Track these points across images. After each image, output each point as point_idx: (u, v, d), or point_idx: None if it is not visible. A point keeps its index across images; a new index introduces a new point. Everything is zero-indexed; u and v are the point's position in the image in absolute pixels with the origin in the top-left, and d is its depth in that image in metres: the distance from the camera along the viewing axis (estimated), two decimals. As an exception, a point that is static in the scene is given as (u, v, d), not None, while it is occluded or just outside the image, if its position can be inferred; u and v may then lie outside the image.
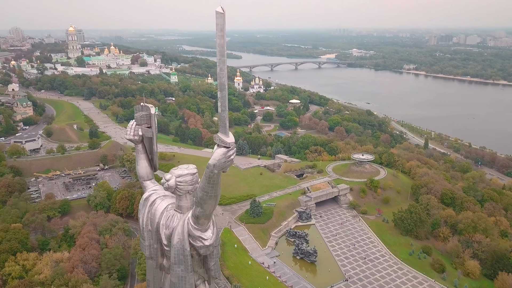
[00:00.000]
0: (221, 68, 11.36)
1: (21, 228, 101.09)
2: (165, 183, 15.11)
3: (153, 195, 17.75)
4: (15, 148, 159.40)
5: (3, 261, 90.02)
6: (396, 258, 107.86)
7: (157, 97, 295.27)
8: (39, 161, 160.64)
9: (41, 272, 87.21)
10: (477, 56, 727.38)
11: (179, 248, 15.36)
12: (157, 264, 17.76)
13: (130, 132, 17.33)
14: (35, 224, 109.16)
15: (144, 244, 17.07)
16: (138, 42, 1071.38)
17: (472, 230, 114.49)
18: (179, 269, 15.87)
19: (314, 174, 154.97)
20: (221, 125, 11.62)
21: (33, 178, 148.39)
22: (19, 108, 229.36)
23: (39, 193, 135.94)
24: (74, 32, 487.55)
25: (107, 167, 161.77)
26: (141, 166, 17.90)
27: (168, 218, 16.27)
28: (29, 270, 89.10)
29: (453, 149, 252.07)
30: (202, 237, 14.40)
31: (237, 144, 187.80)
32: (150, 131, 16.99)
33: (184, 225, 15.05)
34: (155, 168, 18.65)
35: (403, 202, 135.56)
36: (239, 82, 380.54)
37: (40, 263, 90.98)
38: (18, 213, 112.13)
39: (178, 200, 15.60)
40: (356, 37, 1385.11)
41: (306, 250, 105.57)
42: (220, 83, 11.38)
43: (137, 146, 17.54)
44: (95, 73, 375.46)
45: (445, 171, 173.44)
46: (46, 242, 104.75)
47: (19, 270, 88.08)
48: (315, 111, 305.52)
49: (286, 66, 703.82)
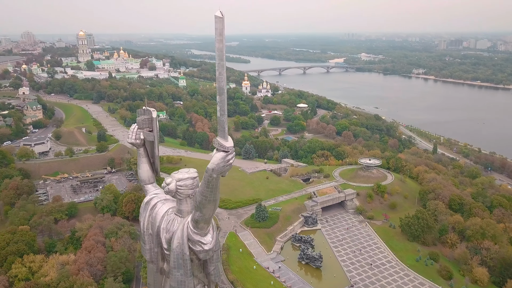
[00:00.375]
0: (220, 72, 11.36)
1: (28, 230, 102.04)
2: (166, 187, 15.14)
3: (154, 198, 17.78)
4: (24, 151, 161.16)
5: (10, 263, 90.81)
6: (402, 264, 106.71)
7: (165, 101, 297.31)
8: (47, 164, 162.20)
9: (47, 274, 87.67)
10: (488, 60, 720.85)
11: (178, 252, 15.34)
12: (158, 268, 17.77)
13: (132, 135, 17.43)
14: (42, 227, 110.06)
15: (145, 248, 17.10)
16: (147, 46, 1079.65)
17: (480, 236, 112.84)
18: (178, 273, 15.85)
19: (321, 178, 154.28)
20: (220, 129, 11.60)
21: (42, 180, 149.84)
22: (29, 111, 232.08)
23: (47, 195, 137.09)
24: (85, 37, 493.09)
25: (114, 170, 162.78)
26: (143, 169, 17.98)
27: (168, 222, 16.28)
28: (35, 272, 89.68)
29: (462, 154, 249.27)
30: (201, 241, 14.37)
31: (244, 148, 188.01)
32: (151, 134, 17.06)
33: (184, 229, 15.03)
34: (156, 172, 18.71)
35: (411, 207, 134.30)
36: (247, 86, 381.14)
37: (46, 265, 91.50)
38: (26, 215, 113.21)
39: (179, 204, 15.60)
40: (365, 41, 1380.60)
41: (312, 255, 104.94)
42: (219, 87, 11.37)
43: (139, 150, 17.64)
44: (104, 76, 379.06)
45: (453, 177, 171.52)
46: (53, 245, 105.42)
47: (26, 272, 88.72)
48: (322, 116, 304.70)
49: (294, 70, 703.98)
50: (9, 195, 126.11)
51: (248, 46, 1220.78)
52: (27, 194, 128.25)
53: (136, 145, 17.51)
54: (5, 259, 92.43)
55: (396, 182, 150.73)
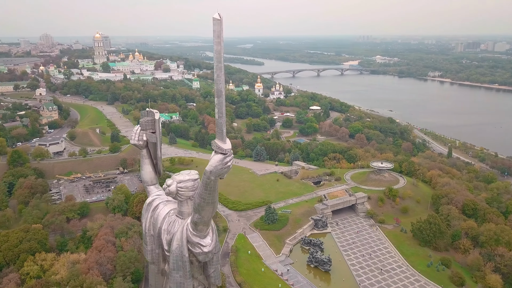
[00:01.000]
0: (218, 75, 11.30)
1: (41, 229, 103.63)
2: (166, 189, 15.18)
3: (156, 200, 17.88)
4: (39, 151, 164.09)
5: (23, 260, 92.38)
6: (413, 269, 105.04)
7: (179, 103, 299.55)
8: (61, 164, 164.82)
9: (57, 272, 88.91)
10: (506, 63, 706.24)
11: (177, 254, 15.36)
12: (159, 269, 17.84)
13: (134, 137, 17.58)
14: (55, 225, 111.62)
15: (147, 249, 17.18)
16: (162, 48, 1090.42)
17: (494, 242, 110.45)
18: (177, 275, 15.87)
19: (332, 181, 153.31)
20: (218, 131, 11.56)
21: (55, 180, 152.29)
22: (45, 112, 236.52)
23: (60, 195, 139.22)
24: (101, 39, 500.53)
25: (126, 170, 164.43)
26: (145, 171, 18.09)
27: (169, 224, 16.34)
28: (46, 270, 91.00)
29: (478, 158, 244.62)
30: (200, 243, 14.36)
31: (255, 150, 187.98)
32: (154, 136, 17.17)
33: (183, 231, 15.05)
34: (159, 173, 18.80)
35: (423, 212, 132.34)
36: (260, 89, 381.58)
37: (57, 264, 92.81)
38: (39, 214, 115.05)
39: (180, 206, 15.63)
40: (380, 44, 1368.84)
41: (321, 258, 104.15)
42: (217, 89, 11.32)
43: (141, 151, 17.77)
44: (119, 78, 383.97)
45: (468, 181, 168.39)
46: (64, 243, 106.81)
47: (37, 270, 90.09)
48: (335, 118, 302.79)
49: (308, 72, 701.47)
50: (24, 194, 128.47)
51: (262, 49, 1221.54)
52: (40, 193, 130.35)
53: (139, 147, 17.64)
54: (18, 256, 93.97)
55: (408, 186, 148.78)
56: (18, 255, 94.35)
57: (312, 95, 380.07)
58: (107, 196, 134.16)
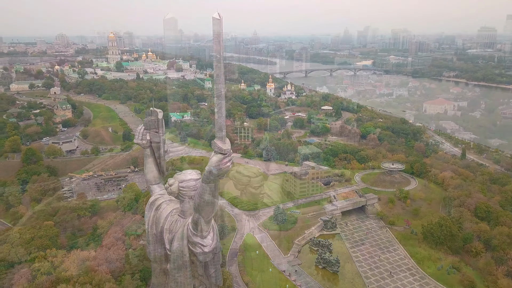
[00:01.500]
0: (218, 74, 11.34)
1: (52, 226, 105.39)
2: (168, 188, 15.24)
3: (159, 199, 17.95)
4: (52, 149, 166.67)
5: (34, 257, 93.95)
6: (423, 272, 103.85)
7: (190, 102, 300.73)
8: (74, 162, 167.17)
9: (68, 269, 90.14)
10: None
11: (178, 254, 15.39)
12: (161, 268, 17.85)
13: (138, 136, 17.67)
14: (66, 223, 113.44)
15: (149, 248, 17.24)
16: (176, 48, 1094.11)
17: (507, 246, 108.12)
18: (178, 274, 15.91)
19: (342, 182, 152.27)
20: (218, 132, 11.55)
21: (68, 178, 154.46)
22: (59, 111, 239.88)
23: (72, 192, 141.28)
24: (114, 38, 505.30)
25: (137, 169, 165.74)
26: (149, 170, 18.16)
27: (171, 223, 16.36)
28: (57, 267, 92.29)
29: (493, 160, 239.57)
30: (201, 243, 14.35)
31: (265, 150, 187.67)
32: (157, 135, 17.21)
33: (184, 230, 15.06)
34: (162, 172, 18.84)
35: (434, 214, 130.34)
36: (271, 88, 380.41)
37: (67, 261, 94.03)
38: (51, 211, 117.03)
39: (182, 205, 15.66)
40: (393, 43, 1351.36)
41: (329, 259, 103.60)
42: (216, 89, 11.34)
43: (145, 150, 17.84)
44: (132, 77, 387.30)
45: (481, 184, 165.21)
46: (75, 240, 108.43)
47: (48, 267, 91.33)
48: (347, 118, 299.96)
49: (320, 72, 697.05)
50: (36, 191, 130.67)
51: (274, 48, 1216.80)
52: (53, 191, 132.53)
53: (143, 146, 17.70)
54: (29, 253, 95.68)
55: (419, 188, 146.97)
56: (29, 251, 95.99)
57: (324, 95, 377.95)
58: (118, 194, 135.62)
